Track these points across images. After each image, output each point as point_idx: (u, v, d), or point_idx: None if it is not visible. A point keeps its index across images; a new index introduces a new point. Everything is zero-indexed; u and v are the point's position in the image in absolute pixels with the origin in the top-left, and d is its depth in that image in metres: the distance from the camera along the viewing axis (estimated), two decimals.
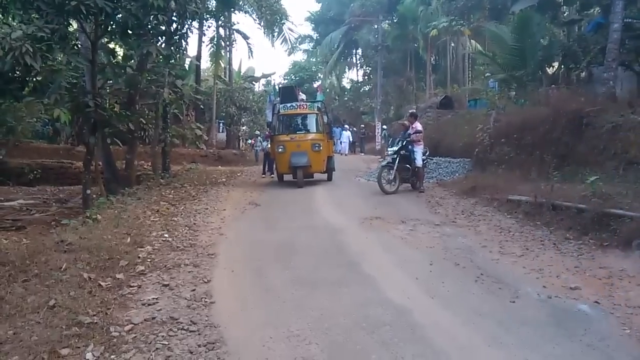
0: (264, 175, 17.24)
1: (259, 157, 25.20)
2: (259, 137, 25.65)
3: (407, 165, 11.71)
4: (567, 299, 5.06)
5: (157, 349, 3.99)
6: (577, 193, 8.01)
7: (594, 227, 7.07)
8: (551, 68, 18.69)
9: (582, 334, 4.25)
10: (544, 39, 17.99)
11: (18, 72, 9.32)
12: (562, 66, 17.66)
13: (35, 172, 18.52)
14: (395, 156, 11.55)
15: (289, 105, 14.68)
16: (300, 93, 17.68)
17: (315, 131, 14.40)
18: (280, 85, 27.11)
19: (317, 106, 15.34)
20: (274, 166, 15.82)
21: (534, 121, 11.60)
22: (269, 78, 40.81)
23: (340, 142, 28.47)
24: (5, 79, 9.36)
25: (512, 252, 6.77)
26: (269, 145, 16.17)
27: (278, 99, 15.68)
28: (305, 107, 14.98)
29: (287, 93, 15.53)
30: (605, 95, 11.54)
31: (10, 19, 11.18)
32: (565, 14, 21.23)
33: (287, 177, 14.65)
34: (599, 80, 13.72)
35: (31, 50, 8.11)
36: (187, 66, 27.52)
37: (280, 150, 13.89)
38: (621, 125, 9.49)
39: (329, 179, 14.83)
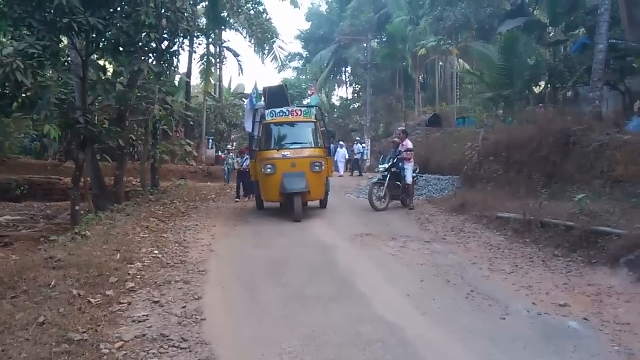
0: (237, 200, 14.39)
1: (230, 176, 20.30)
2: (230, 153, 21.52)
3: (397, 182, 11.75)
4: (556, 315, 5.10)
5: None
6: (565, 210, 8.09)
7: (582, 244, 7.15)
8: (538, 87, 19.04)
9: (571, 351, 4.28)
10: (531, 59, 18.39)
11: (8, 88, 9.29)
12: (549, 85, 18.02)
13: (22, 187, 18.39)
14: (386, 173, 11.61)
15: (277, 111, 11.47)
16: None
17: (313, 145, 11.16)
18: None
19: (314, 113, 12.06)
20: (245, 188, 14.24)
21: (521, 139, 11.75)
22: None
23: (337, 161, 24.37)
24: None
25: (501, 269, 6.82)
26: (247, 163, 13.31)
27: (262, 102, 12.46)
28: (299, 113, 11.64)
29: (275, 95, 12.26)
30: (591, 114, 11.73)
31: (1, 35, 11.20)
32: (551, 35, 21.70)
33: (269, 205, 11.96)
34: (585, 100, 13.98)
35: (22, 66, 8.13)
36: (177, 83, 27.57)
37: (268, 170, 10.58)
38: (607, 144, 9.65)
39: (323, 205, 11.86)
